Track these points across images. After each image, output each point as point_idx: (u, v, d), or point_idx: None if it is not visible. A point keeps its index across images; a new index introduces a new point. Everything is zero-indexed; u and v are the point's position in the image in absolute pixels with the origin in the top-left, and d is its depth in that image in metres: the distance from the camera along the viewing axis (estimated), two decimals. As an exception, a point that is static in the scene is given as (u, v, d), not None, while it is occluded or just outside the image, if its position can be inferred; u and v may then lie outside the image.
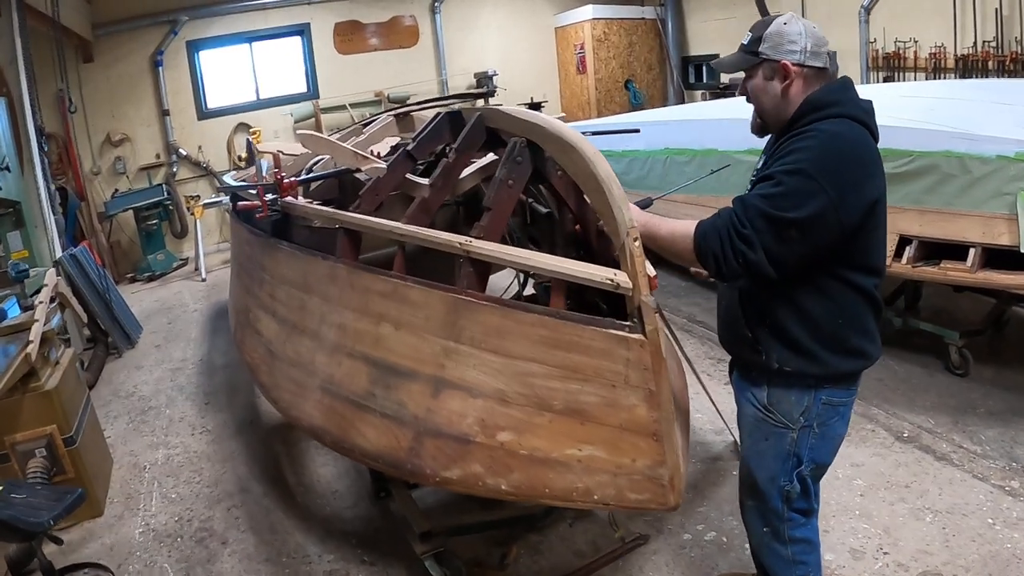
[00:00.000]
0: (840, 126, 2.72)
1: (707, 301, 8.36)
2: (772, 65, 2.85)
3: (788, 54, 2.80)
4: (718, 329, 3.37)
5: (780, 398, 3.02)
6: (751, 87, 2.96)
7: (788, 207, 2.57)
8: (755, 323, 2.98)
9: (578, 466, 2.85)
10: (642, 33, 16.60)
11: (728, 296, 3.14)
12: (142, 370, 8.39)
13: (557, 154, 3.28)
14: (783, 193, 2.59)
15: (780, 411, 3.03)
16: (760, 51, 2.87)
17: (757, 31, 2.90)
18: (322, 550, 4.70)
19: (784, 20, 2.84)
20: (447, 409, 3.14)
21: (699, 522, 4.57)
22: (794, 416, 3.00)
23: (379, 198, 4.31)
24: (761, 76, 2.90)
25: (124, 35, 13.47)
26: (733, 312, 3.08)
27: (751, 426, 3.20)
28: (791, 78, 2.82)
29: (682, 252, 2.82)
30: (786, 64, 2.80)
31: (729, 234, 2.62)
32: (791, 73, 2.81)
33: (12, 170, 8.09)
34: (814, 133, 2.70)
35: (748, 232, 2.60)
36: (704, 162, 7.58)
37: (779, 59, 2.82)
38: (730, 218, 2.64)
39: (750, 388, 3.15)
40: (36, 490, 4.33)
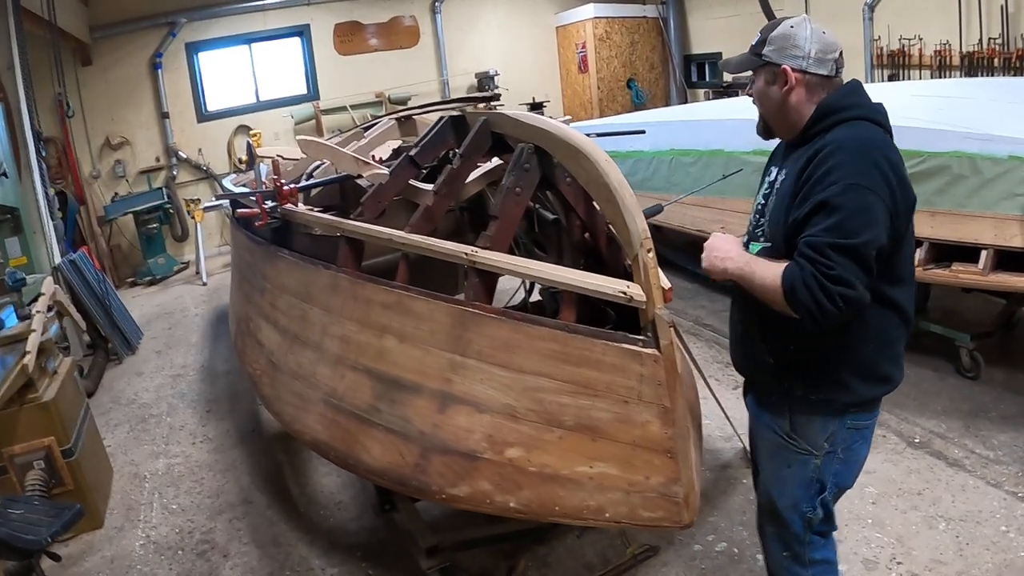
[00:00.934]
0: (863, 130, 2.61)
1: (713, 303, 8.29)
2: (773, 69, 2.74)
3: (790, 59, 2.69)
4: (731, 349, 3.22)
5: (803, 425, 2.88)
6: (755, 91, 2.87)
7: (858, 228, 2.40)
8: (777, 349, 2.83)
9: (589, 483, 2.79)
10: (644, 32, 16.52)
11: (744, 317, 2.99)
12: (143, 377, 8.32)
13: (567, 161, 3.21)
14: (845, 217, 2.41)
15: (803, 438, 2.88)
16: (763, 53, 2.75)
17: (764, 32, 2.78)
18: (326, 563, 4.63)
19: (792, 23, 2.72)
20: (454, 425, 3.08)
21: (709, 533, 4.50)
22: (818, 443, 2.86)
23: (381, 205, 4.24)
24: (763, 80, 2.80)
25: (122, 38, 13.38)
26: (751, 335, 2.93)
27: (771, 452, 3.05)
28: (791, 84, 2.70)
29: (778, 305, 2.55)
30: (786, 69, 2.69)
31: (818, 282, 2.38)
32: (791, 79, 2.69)
33: (10, 175, 8.02)
34: (840, 143, 2.54)
35: (838, 271, 2.37)
36: (710, 162, 7.52)
37: (780, 63, 2.70)
38: (811, 265, 2.41)
39: (769, 414, 3.01)
40: (33, 505, 4.27)
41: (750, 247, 2.84)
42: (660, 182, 8.06)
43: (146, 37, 13.58)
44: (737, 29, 14.68)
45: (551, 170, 3.50)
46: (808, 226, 2.49)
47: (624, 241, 2.76)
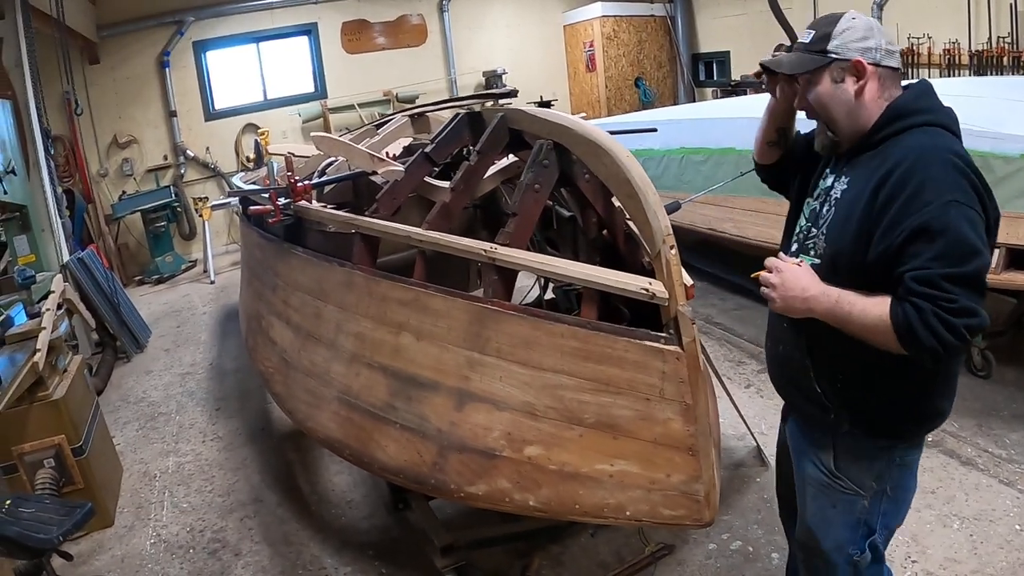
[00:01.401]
0: (940, 138, 2.35)
1: (724, 302, 8.26)
2: (843, 65, 2.44)
3: (862, 51, 2.42)
4: (770, 369, 2.97)
5: (849, 463, 2.65)
6: (816, 95, 2.53)
7: (968, 252, 2.16)
8: (825, 380, 2.59)
9: (610, 481, 2.78)
10: (652, 30, 16.48)
11: (786, 338, 2.74)
12: (151, 375, 8.31)
13: (587, 157, 3.19)
14: (951, 241, 2.16)
15: (849, 477, 2.65)
16: (828, 49, 2.45)
17: (822, 27, 2.49)
18: (339, 562, 4.61)
19: (852, 15, 2.47)
20: (472, 422, 3.06)
21: (724, 531, 4.46)
22: (865, 483, 2.63)
23: (397, 202, 4.22)
24: (829, 80, 2.48)
25: (130, 36, 13.37)
26: (797, 360, 2.68)
27: (814, 490, 2.80)
28: (865, 78, 2.42)
29: (886, 345, 2.27)
30: (860, 61, 2.41)
31: (941, 319, 2.13)
32: (866, 72, 2.42)
33: (18, 173, 8.02)
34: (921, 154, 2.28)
35: (960, 303, 2.14)
36: (721, 161, 7.50)
37: (851, 57, 2.42)
38: (929, 302, 2.14)
39: (812, 448, 2.78)
40: (44, 504, 4.25)
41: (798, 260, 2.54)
42: (671, 180, 8.03)
43: (154, 35, 13.56)
44: (745, 28, 14.66)
45: (569, 167, 3.48)
46: (908, 257, 2.21)
47: (646, 238, 2.74)
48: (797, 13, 12.91)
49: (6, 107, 8.31)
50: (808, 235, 2.62)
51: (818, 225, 2.58)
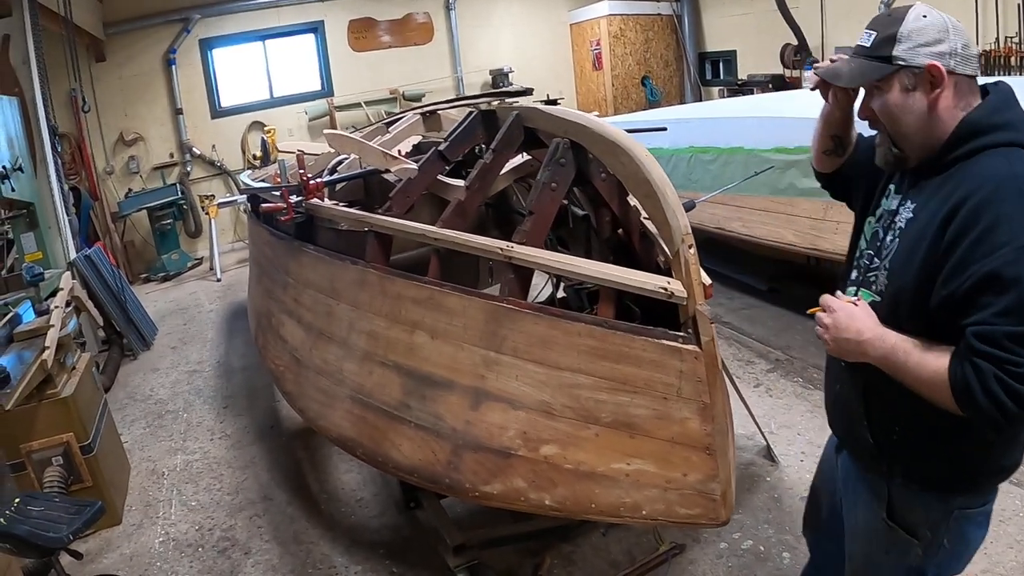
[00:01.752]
0: (1020, 163, 2.02)
1: (731, 301, 8.25)
2: (914, 72, 2.12)
3: (936, 56, 2.09)
4: (827, 404, 2.72)
5: (904, 511, 2.41)
6: (883, 105, 2.21)
7: None
8: (880, 429, 2.37)
9: (626, 480, 2.76)
10: (658, 29, 16.47)
11: (845, 378, 2.49)
12: (158, 372, 8.30)
13: (605, 156, 3.17)
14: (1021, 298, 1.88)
15: (903, 525, 2.41)
16: (895, 55, 2.13)
17: (887, 28, 2.16)
18: (349, 561, 4.60)
19: (922, 12, 2.13)
20: (487, 422, 3.05)
21: (735, 530, 4.46)
22: (920, 532, 2.38)
23: (410, 200, 4.21)
24: (898, 89, 2.16)
25: (136, 34, 13.38)
26: (851, 404, 2.46)
27: (865, 533, 2.59)
28: (941, 87, 2.11)
29: (942, 403, 2.04)
30: (936, 67, 2.09)
31: (1002, 384, 1.88)
32: (942, 80, 2.10)
33: (25, 171, 8.00)
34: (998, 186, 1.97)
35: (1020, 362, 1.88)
36: (730, 160, 7.50)
37: (923, 63, 2.10)
38: (991, 363, 1.90)
39: (866, 490, 2.54)
40: (54, 502, 4.24)
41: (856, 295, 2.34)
42: (679, 179, 8.01)
43: (160, 33, 13.57)
44: (752, 27, 14.65)
45: (585, 165, 3.46)
46: (973, 308, 1.96)
47: (665, 237, 2.73)
48: (804, 11, 12.92)
49: (13, 104, 8.30)
50: (870, 266, 2.36)
51: (880, 256, 2.31)
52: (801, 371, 6.34)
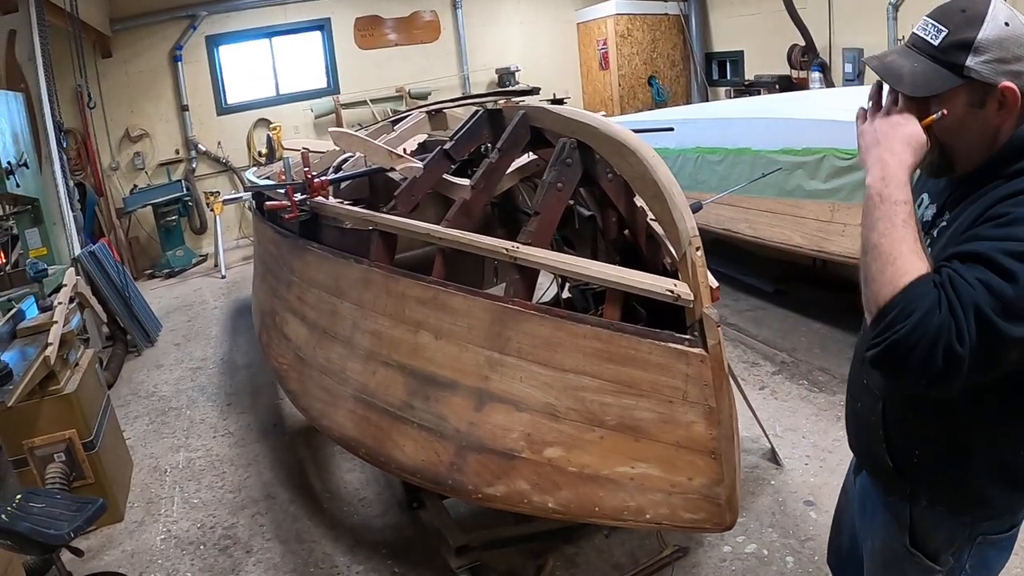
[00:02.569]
0: None
1: (736, 303, 8.22)
2: (984, 89, 1.83)
3: (1013, 76, 1.80)
4: (846, 421, 2.49)
5: (926, 535, 2.23)
6: None
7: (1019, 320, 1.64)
8: (899, 450, 2.17)
9: (630, 484, 2.76)
10: (665, 29, 16.43)
11: (865, 397, 2.27)
12: (162, 369, 8.29)
13: (612, 156, 3.16)
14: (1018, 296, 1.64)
15: (924, 552, 2.24)
16: (969, 66, 1.82)
17: (961, 28, 1.83)
18: (351, 560, 4.58)
19: (1004, 17, 1.80)
20: (491, 423, 3.04)
21: (739, 534, 4.42)
22: (941, 556, 2.21)
23: (415, 199, 4.20)
24: (963, 103, 1.87)
25: (143, 30, 13.37)
26: (869, 423, 2.24)
27: (883, 556, 2.40)
28: (1012, 107, 1.83)
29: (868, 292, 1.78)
30: (1011, 89, 1.80)
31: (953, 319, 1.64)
32: (1016, 104, 1.82)
33: (30, 166, 8.02)
34: None
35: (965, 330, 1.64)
36: (736, 161, 7.48)
37: (997, 81, 1.81)
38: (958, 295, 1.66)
39: (886, 512, 2.34)
40: (55, 499, 4.22)
41: None
42: (685, 179, 7.98)
43: (166, 30, 13.55)
44: (759, 27, 14.61)
45: (592, 166, 3.45)
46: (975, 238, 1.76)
47: (672, 239, 2.72)
48: (812, 12, 12.89)
49: (19, 100, 8.32)
50: None
51: None
52: (807, 374, 6.31)
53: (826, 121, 6.31)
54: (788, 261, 8.16)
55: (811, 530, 4.38)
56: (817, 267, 8.13)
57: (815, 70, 12.83)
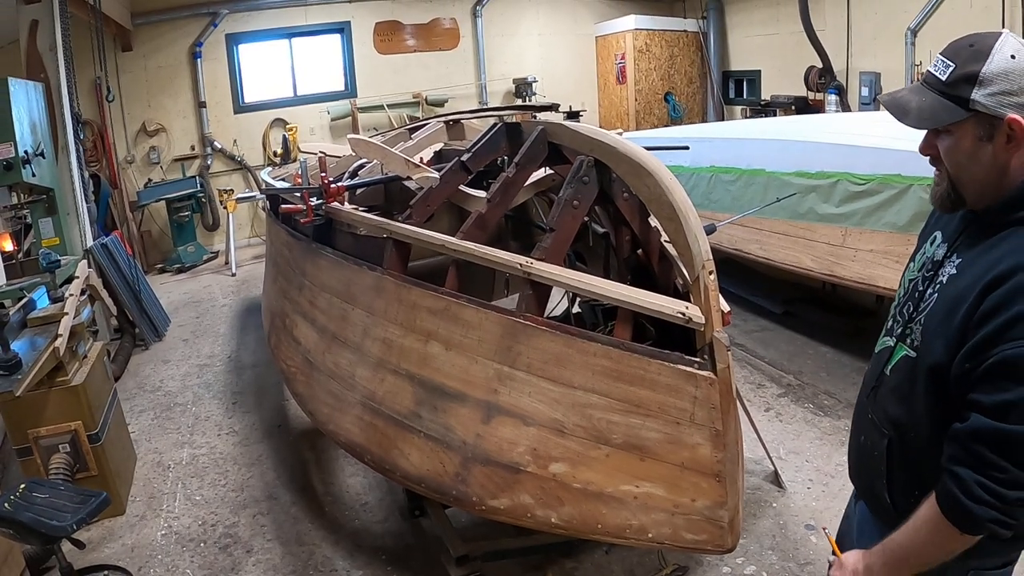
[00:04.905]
0: None
1: (745, 323, 8.21)
2: (991, 122, 1.85)
3: (1019, 108, 1.82)
4: (849, 453, 2.49)
5: None
6: (950, 149, 1.97)
7: None
8: (901, 491, 2.18)
9: (634, 503, 2.78)
10: (683, 46, 16.45)
11: (871, 433, 2.27)
12: (169, 364, 8.31)
13: (628, 176, 3.18)
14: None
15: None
16: (974, 99, 1.84)
17: (968, 62, 1.86)
18: (351, 565, 4.59)
19: (1011, 50, 1.82)
20: (498, 436, 3.06)
21: (738, 555, 4.42)
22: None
23: (430, 209, 4.22)
24: (971, 136, 1.90)
25: (164, 25, 13.43)
26: (871, 462, 2.26)
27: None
28: (1020, 140, 1.84)
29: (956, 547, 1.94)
30: (1017, 122, 1.82)
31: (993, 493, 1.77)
32: (1021, 136, 1.83)
33: (47, 156, 8.04)
34: None
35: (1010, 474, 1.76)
36: (751, 181, 7.48)
37: (1003, 114, 1.82)
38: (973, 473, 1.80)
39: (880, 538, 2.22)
40: (59, 490, 4.26)
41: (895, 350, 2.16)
42: (698, 198, 7.99)
43: (187, 26, 13.61)
44: (777, 47, 14.62)
45: (608, 184, 3.46)
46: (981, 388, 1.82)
47: (685, 262, 2.73)
48: (830, 34, 12.89)
49: (38, 90, 8.35)
50: (910, 319, 2.12)
51: (919, 310, 2.09)
52: (812, 397, 6.31)
53: (842, 145, 6.31)
54: (798, 283, 8.16)
55: (811, 554, 4.38)
56: (826, 290, 8.13)
57: (832, 92, 12.82)
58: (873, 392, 2.27)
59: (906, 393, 2.08)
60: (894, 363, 2.15)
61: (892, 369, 2.16)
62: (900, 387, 2.11)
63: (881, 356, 2.24)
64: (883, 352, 2.24)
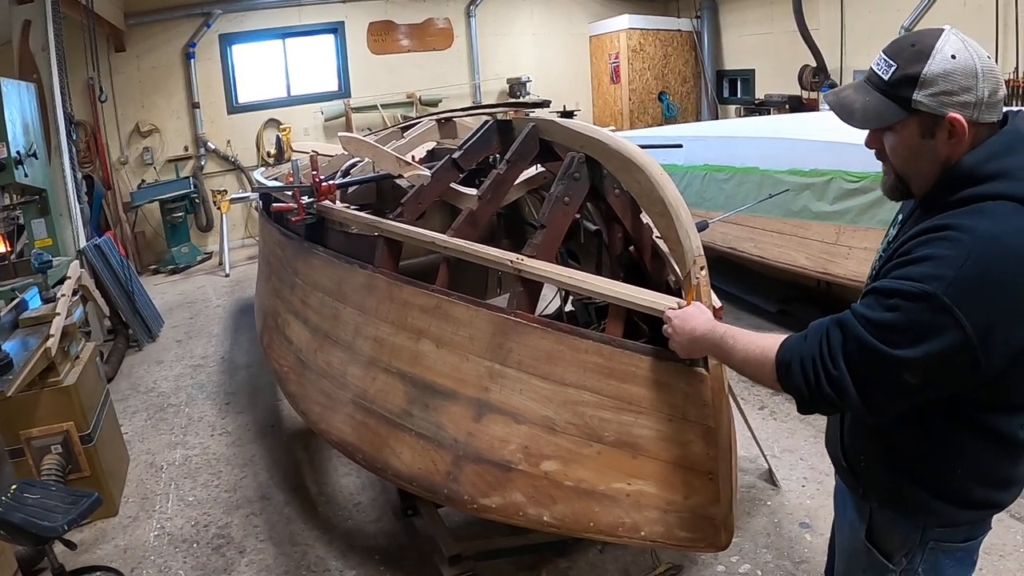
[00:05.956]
0: (1004, 222, 1.84)
1: (739, 321, 8.15)
2: (934, 120, 1.93)
3: (960, 107, 1.89)
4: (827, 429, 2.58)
5: (881, 535, 2.34)
6: (895, 145, 2.05)
7: (902, 342, 1.82)
8: (851, 454, 2.33)
9: (626, 500, 2.76)
10: (677, 45, 16.45)
11: None
12: (162, 365, 8.29)
13: (619, 172, 3.16)
14: (897, 324, 1.83)
15: (879, 548, 2.34)
16: (915, 99, 1.92)
17: (910, 63, 1.93)
18: (344, 565, 4.58)
19: (952, 50, 1.88)
20: (489, 434, 3.05)
21: (733, 554, 4.41)
22: (895, 557, 2.30)
23: (422, 207, 4.21)
24: (914, 133, 1.98)
25: (157, 26, 13.40)
26: (833, 429, 2.45)
27: (848, 551, 2.54)
28: (961, 137, 1.92)
29: (762, 379, 2.14)
30: (958, 120, 1.89)
31: (816, 370, 1.94)
32: (964, 134, 1.91)
33: (39, 157, 8.02)
34: (963, 233, 1.83)
35: (838, 374, 1.90)
36: (744, 180, 7.47)
37: (944, 113, 1.90)
38: (820, 348, 1.95)
39: (852, 508, 2.46)
40: (50, 491, 4.24)
41: None
42: (692, 196, 7.99)
43: (181, 26, 13.58)
44: (771, 47, 14.63)
45: (600, 180, 3.45)
46: (860, 300, 1.99)
47: (677, 258, 2.72)
48: (824, 33, 12.90)
49: (31, 90, 8.33)
50: None
51: None
52: (806, 395, 6.29)
53: (835, 143, 6.31)
54: (792, 282, 8.15)
55: (806, 552, 4.37)
56: (821, 288, 8.12)
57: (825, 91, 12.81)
58: None
59: None
60: None
61: None
62: None
63: None
64: None
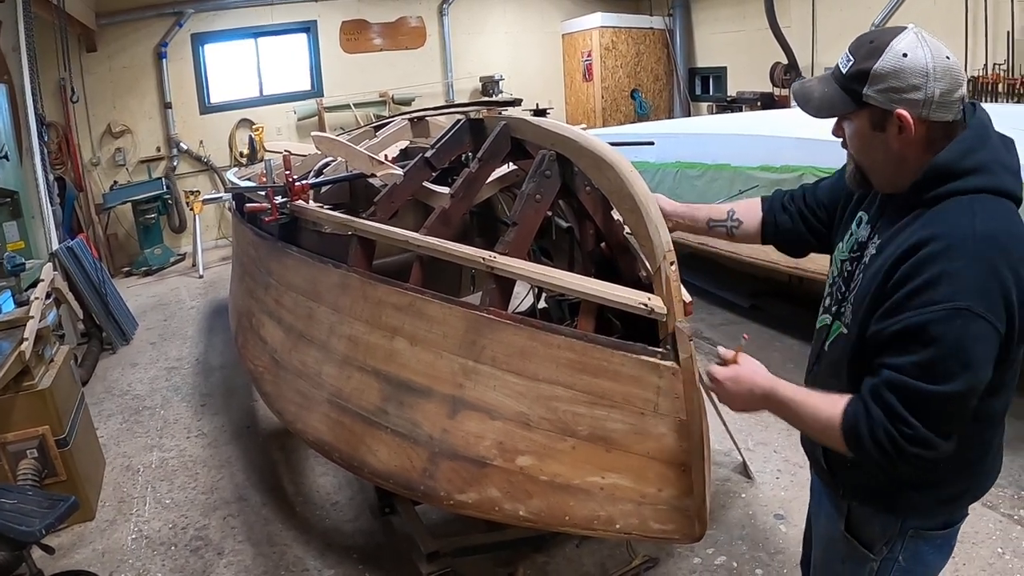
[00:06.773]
0: (987, 216, 1.92)
1: (712, 316, 8.27)
2: (883, 114, 2.01)
3: (908, 104, 1.96)
4: None
5: (859, 525, 2.40)
6: (851, 135, 2.15)
7: (954, 369, 1.85)
8: (833, 455, 2.34)
9: (601, 494, 2.78)
10: (650, 43, 16.52)
11: None
12: (137, 368, 8.25)
13: (590, 170, 3.17)
14: (941, 356, 1.86)
15: (858, 538, 2.39)
16: (865, 93, 2.01)
17: (865, 58, 2.01)
18: (322, 564, 4.59)
19: (904, 48, 1.95)
20: (464, 430, 3.06)
21: (709, 546, 4.46)
22: (875, 546, 2.36)
23: (395, 206, 4.21)
24: (866, 124, 2.08)
25: (128, 26, 13.30)
26: None
27: (825, 542, 2.61)
28: (909, 133, 1.99)
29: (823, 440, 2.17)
30: (903, 116, 1.97)
31: (891, 437, 1.91)
32: (910, 130, 1.98)
33: (11, 159, 7.98)
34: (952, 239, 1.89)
35: (919, 433, 1.90)
36: (716, 176, 7.52)
37: (892, 108, 1.98)
38: (884, 416, 1.92)
39: (828, 502, 2.55)
40: (27, 495, 4.22)
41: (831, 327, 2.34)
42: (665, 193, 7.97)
43: (152, 26, 13.49)
44: (743, 44, 14.73)
45: (571, 178, 3.47)
46: (891, 350, 1.97)
47: (647, 253, 2.73)
48: (796, 30, 12.99)
49: (2, 91, 8.27)
50: (843, 299, 2.29)
51: (850, 289, 2.25)
52: (780, 389, 6.33)
53: (806, 140, 6.35)
54: (764, 277, 8.21)
55: (780, 543, 4.42)
56: (793, 283, 8.18)
57: (796, 87, 12.90)
58: (814, 366, 2.49)
59: (839, 368, 2.26)
60: (831, 339, 2.34)
61: (830, 345, 2.34)
62: (836, 363, 2.29)
63: (821, 333, 2.44)
64: (822, 329, 2.43)
